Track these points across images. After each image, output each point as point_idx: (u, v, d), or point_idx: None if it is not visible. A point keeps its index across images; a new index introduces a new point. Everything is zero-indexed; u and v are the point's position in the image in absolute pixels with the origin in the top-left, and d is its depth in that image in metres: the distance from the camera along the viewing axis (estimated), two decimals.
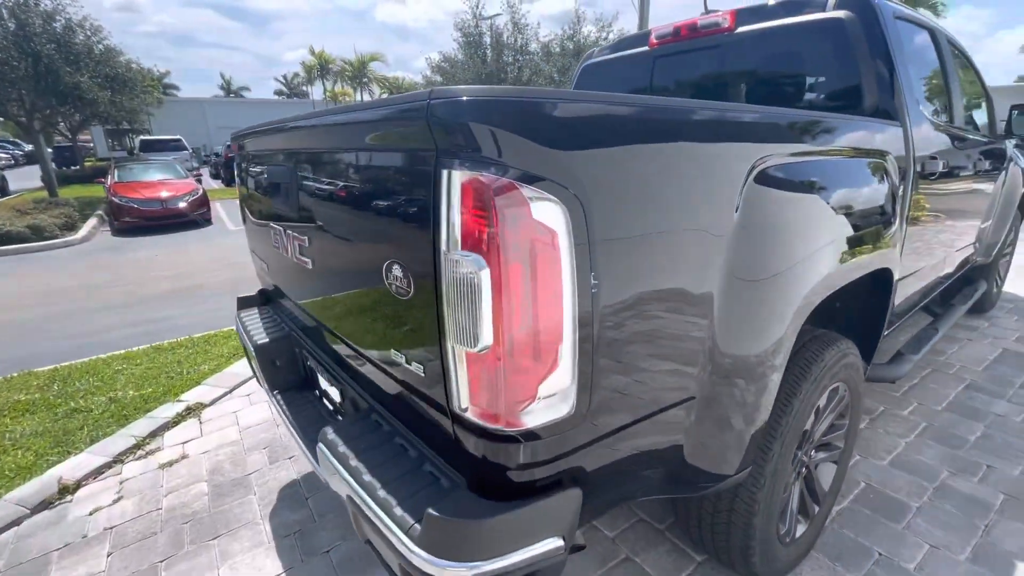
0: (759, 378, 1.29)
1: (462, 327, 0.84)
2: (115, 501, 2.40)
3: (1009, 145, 3.65)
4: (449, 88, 0.82)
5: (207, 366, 4.04)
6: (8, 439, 3.10)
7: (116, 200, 10.47)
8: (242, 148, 2.00)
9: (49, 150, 20.42)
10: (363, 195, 1.15)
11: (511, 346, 0.83)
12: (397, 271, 1.00)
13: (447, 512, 0.90)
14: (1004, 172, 3.55)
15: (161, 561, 2.02)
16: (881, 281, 1.88)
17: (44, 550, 2.11)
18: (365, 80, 39.80)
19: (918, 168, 2.03)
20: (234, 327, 3.54)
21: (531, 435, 0.91)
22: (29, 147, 29.76)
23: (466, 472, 1.03)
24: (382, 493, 1.04)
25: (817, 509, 1.86)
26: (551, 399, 0.90)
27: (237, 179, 2.22)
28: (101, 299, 6.32)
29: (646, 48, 2.80)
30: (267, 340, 1.89)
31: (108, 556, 2.06)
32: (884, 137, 1.83)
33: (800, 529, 1.80)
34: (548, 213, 0.82)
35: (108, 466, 2.66)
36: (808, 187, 1.40)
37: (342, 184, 1.24)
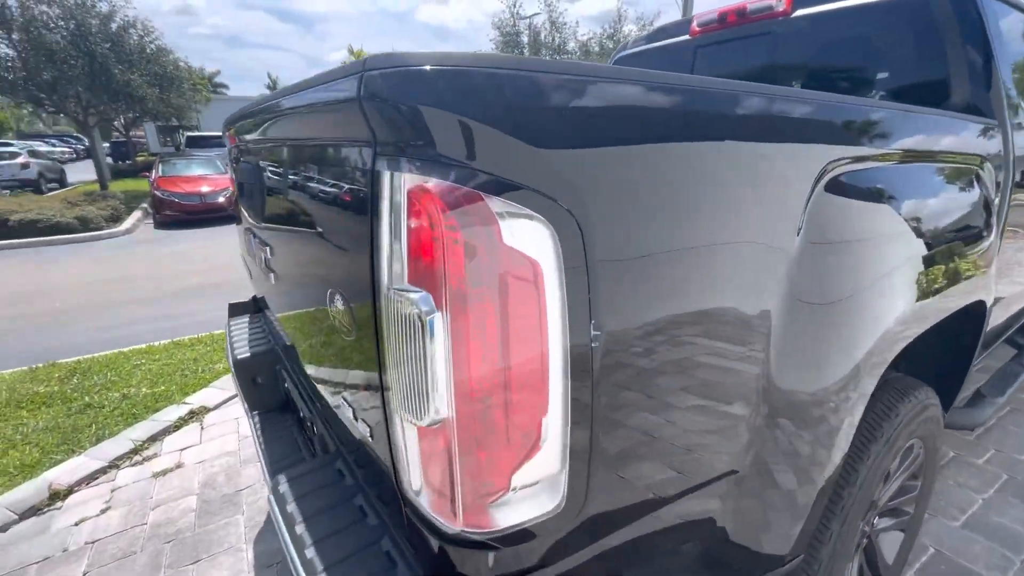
0: (825, 426, 1.02)
1: (407, 390, 0.61)
2: (102, 511, 2.29)
3: None
4: (392, 55, 0.58)
5: (221, 364, 3.97)
6: (19, 433, 3.08)
7: (158, 194, 10.79)
8: (232, 137, 1.83)
9: (106, 145, 21.50)
10: (310, 203, 0.94)
11: (473, 420, 0.60)
12: (339, 303, 0.77)
13: None
14: None
15: None
16: (972, 313, 1.55)
17: (24, 562, 2.01)
18: None
19: (1017, 176, 1.68)
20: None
21: (505, 539, 0.67)
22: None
23: (421, 552, 0.79)
24: (319, 570, 0.83)
25: None
26: (531, 489, 0.66)
27: (230, 173, 2.06)
28: (134, 291, 6.44)
29: (687, 37, 2.50)
30: (248, 355, 1.72)
31: (84, 575, 1.93)
32: (980, 139, 1.50)
33: None
34: (527, 236, 0.58)
35: (103, 471, 2.57)
36: (890, 198, 1.11)
37: (294, 187, 1.02)
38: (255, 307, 2.15)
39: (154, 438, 2.84)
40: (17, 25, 11.73)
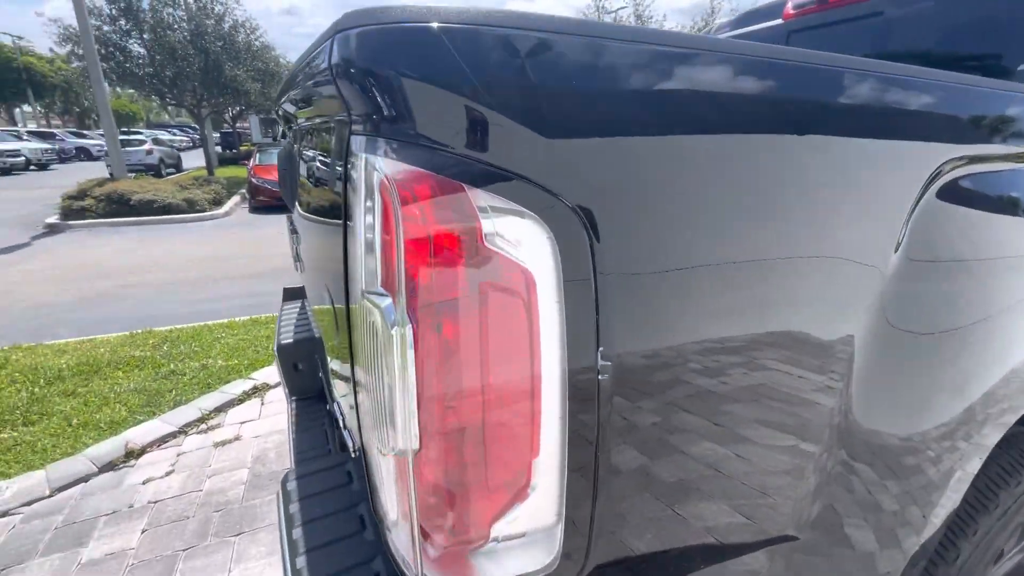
0: (921, 479, 0.82)
1: (376, 412, 0.53)
2: (167, 474, 2.46)
3: None
4: (371, 9, 0.48)
5: None
6: (113, 392, 3.41)
7: (254, 180, 11.69)
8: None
9: (216, 135, 23.72)
10: (314, 189, 0.87)
11: (445, 455, 0.50)
12: (327, 302, 0.70)
13: None
14: None
15: (183, 550, 1.98)
16: None
17: (96, 513, 2.19)
18: None
19: None
20: None
21: None
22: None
23: None
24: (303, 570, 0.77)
25: None
26: (519, 542, 0.55)
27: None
28: (225, 269, 7.00)
29: (779, 21, 2.23)
30: (291, 340, 1.73)
31: (142, 533, 2.07)
32: None
33: None
34: (518, 237, 0.47)
35: (173, 435, 2.76)
36: None
37: (305, 172, 0.96)
38: (305, 294, 2.19)
39: (220, 409, 3.02)
40: (148, 27, 13.18)
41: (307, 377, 1.73)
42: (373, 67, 0.47)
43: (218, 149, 23.33)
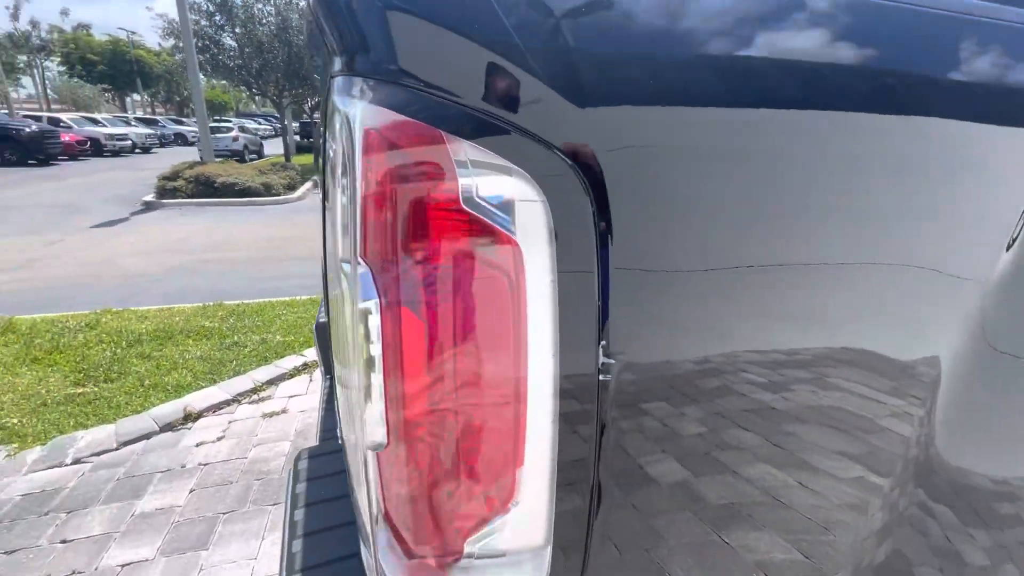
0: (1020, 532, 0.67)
1: (343, 399, 0.47)
2: (218, 439, 2.59)
3: None
4: None
5: None
6: (182, 358, 3.66)
7: None
8: None
9: (296, 124, 25.11)
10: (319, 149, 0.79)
11: (412, 454, 0.43)
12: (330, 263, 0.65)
13: None
14: None
15: (223, 513, 2.07)
16: None
17: (153, 469, 2.35)
18: None
19: None
20: None
21: None
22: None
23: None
24: (297, 550, 0.74)
25: None
26: (499, 561, 0.47)
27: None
28: (292, 250, 7.37)
29: None
30: (326, 319, 1.75)
31: (190, 492, 2.19)
32: None
33: None
34: (504, 200, 0.39)
35: (227, 403, 2.91)
36: None
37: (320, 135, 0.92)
38: None
39: (272, 382, 3.15)
40: (239, 21, 14.11)
41: None
42: None
43: (296, 138, 24.71)
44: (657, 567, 0.53)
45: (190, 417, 2.75)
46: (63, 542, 1.92)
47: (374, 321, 0.40)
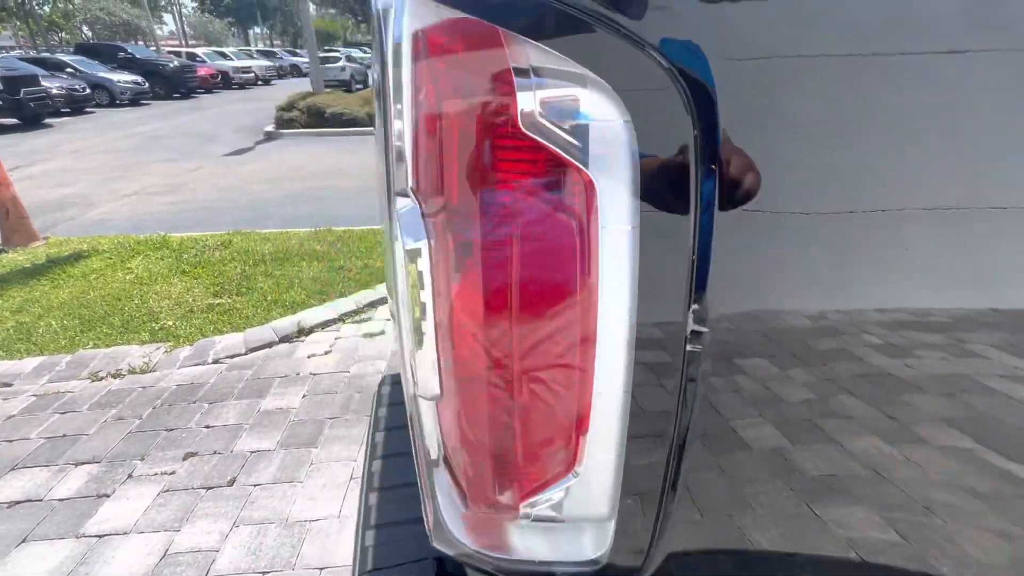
0: None
1: (406, 344, 0.44)
2: (326, 353, 2.86)
3: None
4: None
5: None
6: (298, 278, 4.04)
7: None
8: None
9: None
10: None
11: (467, 408, 0.40)
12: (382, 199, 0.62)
13: None
14: None
15: (329, 418, 2.32)
16: None
17: (274, 374, 2.67)
18: None
19: None
20: None
21: (514, 574, 0.47)
22: None
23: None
24: (373, 499, 0.78)
25: None
26: (557, 527, 0.44)
27: None
28: None
29: None
30: None
31: (302, 397, 2.48)
32: None
33: None
34: (578, 122, 0.31)
35: (333, 322, 3.19)
36: None
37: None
38: None
39: (372, 305, 3.38)
40: None
41: None
42: None
43: None
44: (739, 535, 0.47)
45: (303, 332, 3.06)
46: (207, 427, 2.29)
47: (424, 264, 0.36)
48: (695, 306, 0.35)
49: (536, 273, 0.34)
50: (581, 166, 0.31)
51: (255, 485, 1.96)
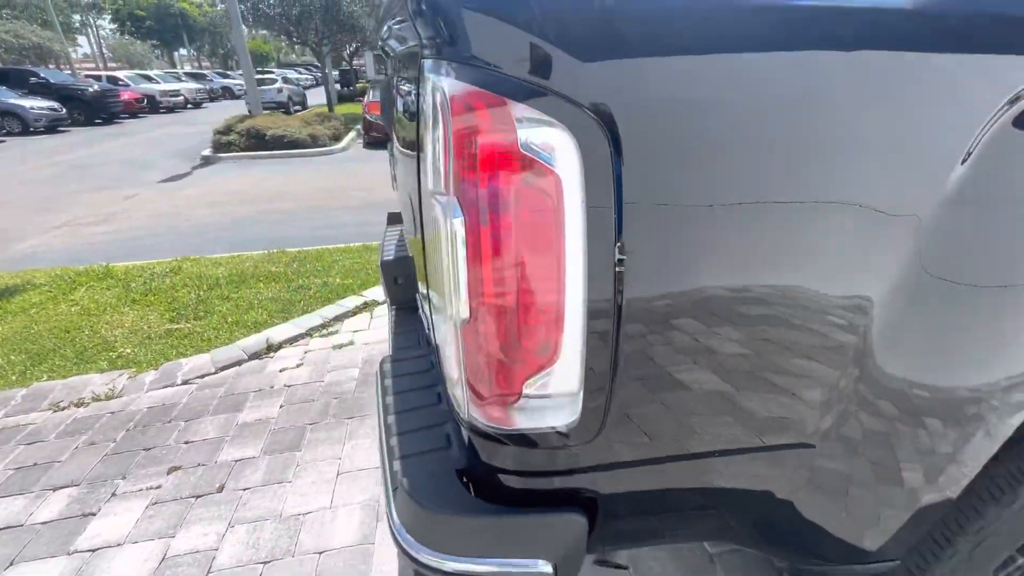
0: (953, 426, 0.81)
1: (440, 286, 0.67)
2: (297, 366, 2.97)
3: None
4: None
5: None
6: (256, 299, 4.07)
7: (367, 117, 12.36)
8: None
9: (335, 73, 25.04)
10: (404, 112, 0.99)
11: (488, 326, 0.63)
12: (414, 199, 0.85)
13: (415, 490, 0.79)
14: None
15: (310, 424, 2.44)
16: None
17: (247, 389, 2.75)
18: None
19: None
20: None
21: (519, 439, 0.72)
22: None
23: (463, 449, 0.89)
24: (393, 440, 0.99)
25: None
26: (546, 401, 0.68)
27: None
28: (342, 200, 7.70)
29: None
30: (392, 258, 1.98)
31: (280, 407, 2.58)
32: None
33: None
34: (549, 144, 0.56)
35: (301, 337, 3.29)
36: None
37: (399, 97, 1.10)
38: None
39: (337, 319, 3.51)
40: None
41: (405, 290, 1.97)
42: (435, 3, 0.57)
43: (337, 87, 24.70)
44: (660, 404, 0.72)
45: (272, 348, 3.14)
46: (186, 443, 2.35)
47: (460, 233, 0.59)
48: (619, 245, 0.60)
49: (530, 232, 0.59)
50: (552, 169, 0.57)
51: (245, 489, 2.06)
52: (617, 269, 0.61)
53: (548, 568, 0.77)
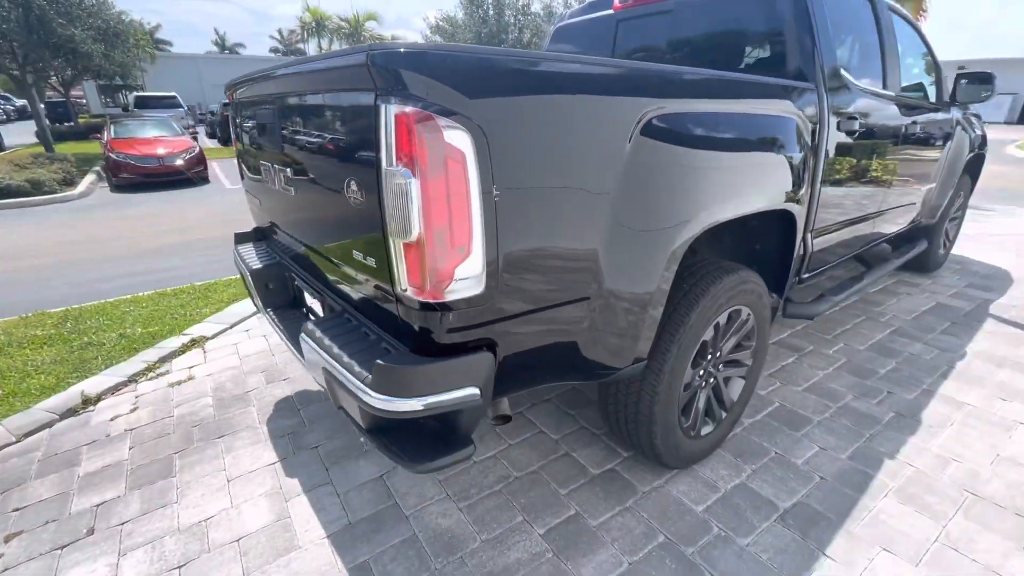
0: (642, 297, 1.62)
1: (399, 224, 1.16)
2: (132, 410, 2.76)
3: (956, 112, 3.87)
4: (387, 43, 1.10)
5: (208, 309, 4.35)
6: (31, 366, 3.45)
7: (114, 156, 10.59)
8: (235, 95, 2.27)
9: (41, 105, 20.17)
10: (328, 129, 1.45)
11: (434, 237, 1.15)
12: (354, 186, 1.31)
13: (390, 362, 1.25)
14: (949, 138, 3.80)
15: (175, 453, 2.39)
16: (788, 224, 2.19)
17: (75, 444, 2.48)
18: (362, 38, 38.86)
19: (834, 128, 2.30)
20: (236, 272, 3.82)
21: (451, 307, 1.24)
22: (21, 102, 29.34)
23: (406, 341, 1.37)
24: (346, 359, 1.38)
25: (724, 415, 2.22)
26: (466, 281, 1.22)
27: (232, 123, 2.48)
28: (104, 251, 6.60)
29: (610, 11, 3.01)
30: (261, 266, 2.21)
31: (130, 449, 2.43)
32: (793, 95, 2.10)
33: (707, 429, 2.17)
34: (458, 139, 1.12)
35: (124, 384, 3.02)
36: (694, 139, 1.66)
37: (313, 121, 1.53)
38: (257, 236, 2.62)
39: (163, 360, 3.28)
40: None
41: (277, 292, 2.23)
42: (391, 65, 1.09)
43: (46, 122, 19.93)
44: (519, 287, 1.34)
45: (90, 401, 2.82)
46: (16, 510, 2.08)
47: (415, 188, 1.11)
48: (494, 187, 1.19)
49: (455, 183, 1.13)
50: (463, 151, 1.12)
51: (122, 523, 1.98)
52: (495, 200, 1.20)
53: (476, 391, 1.31)
